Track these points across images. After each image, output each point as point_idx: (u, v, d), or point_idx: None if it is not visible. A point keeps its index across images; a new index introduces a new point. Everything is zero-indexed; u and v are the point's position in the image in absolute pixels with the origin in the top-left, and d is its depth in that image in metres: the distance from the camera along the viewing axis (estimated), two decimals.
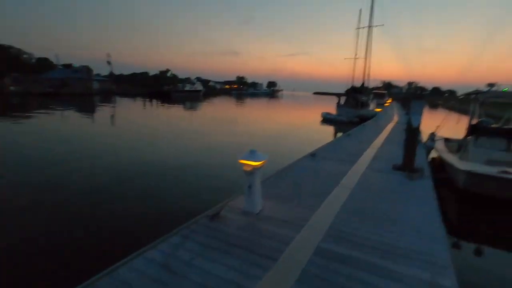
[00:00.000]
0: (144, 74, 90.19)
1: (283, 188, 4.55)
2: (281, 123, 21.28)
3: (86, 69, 54.87)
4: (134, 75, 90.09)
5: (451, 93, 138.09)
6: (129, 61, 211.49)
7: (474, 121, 8.52)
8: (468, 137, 8.40)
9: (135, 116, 22.46)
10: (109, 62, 61.29)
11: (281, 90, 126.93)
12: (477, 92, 8.21)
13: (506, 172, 5.49)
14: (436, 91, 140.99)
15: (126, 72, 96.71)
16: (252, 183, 3.48)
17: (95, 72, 61.76)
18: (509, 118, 8.13)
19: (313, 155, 6.99)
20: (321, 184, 4.82)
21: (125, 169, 7.64)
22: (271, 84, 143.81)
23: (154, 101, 38.99)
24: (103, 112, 23.93)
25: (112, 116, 21.00)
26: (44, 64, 65.36)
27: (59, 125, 15.97)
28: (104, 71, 70.35)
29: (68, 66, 68.76)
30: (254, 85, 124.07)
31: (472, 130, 8.32)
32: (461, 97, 9.50)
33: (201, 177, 7.30)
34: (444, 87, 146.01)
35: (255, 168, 3.39)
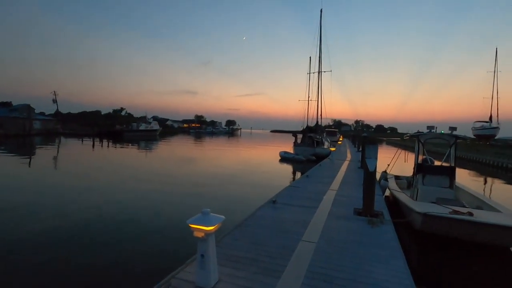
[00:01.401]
0: (96, 113, 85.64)
1: (242, 248, 4.03)
2: (241, 161, 20.97)
3: (27, 108, 50.23)
4: (83, 114, 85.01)
5: (392, 129, 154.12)
6: (80, 99, 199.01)
7: (420, 159, 9.14)
8: (416, 176, 8.91)
9: (68, 159, 20.25)
10: (54, 100, 57.31)
11: (240, 128, 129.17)
12: (419, 134, 8.92)
13: (456, 213, 5.69)
14: (380, 128, 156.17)
15: (76, 110, 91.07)
16: (205, 252, 2.94)
17: (40, 110, 56.98)
18: (448, 156, 8.86)
19: (274, 201, 6.65)
20: (283, 239, 4.41)
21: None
22: (230, 122, 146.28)
23: (104, 142, 36.42)
24: (28, 155, 21.41)
25: (32, 162, 18.74)
26: None
27: None
28: (51, 110, 65.36)
29: (6, 105, 62.56)
30: (213, 123, 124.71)
31: (419, 168, 8.86)
32: (406, 137, 10.30)
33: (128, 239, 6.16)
34: (386, 124, 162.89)
35: (208, 234, 2.89)
